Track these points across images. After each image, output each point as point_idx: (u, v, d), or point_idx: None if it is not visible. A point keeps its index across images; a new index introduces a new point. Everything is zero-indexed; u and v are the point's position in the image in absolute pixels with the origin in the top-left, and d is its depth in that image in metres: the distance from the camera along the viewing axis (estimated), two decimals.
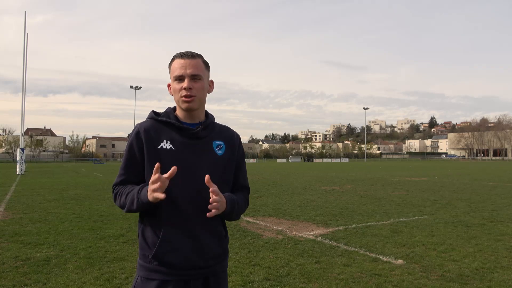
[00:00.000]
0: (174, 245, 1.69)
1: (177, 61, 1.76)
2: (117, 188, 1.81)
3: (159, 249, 1.69)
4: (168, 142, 1.75)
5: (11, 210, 9.89)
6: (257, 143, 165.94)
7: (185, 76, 1.73)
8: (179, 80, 1.75)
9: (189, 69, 1.74)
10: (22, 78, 30.01)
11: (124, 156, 1.81)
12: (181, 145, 1.76)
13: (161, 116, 1.81)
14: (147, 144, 1.74)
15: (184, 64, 1.74)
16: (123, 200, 1.74)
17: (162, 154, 1.73)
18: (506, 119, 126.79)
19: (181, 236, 1.70)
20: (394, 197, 13.06)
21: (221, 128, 1.91)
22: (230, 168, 1.86)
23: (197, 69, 1.75)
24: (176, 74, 1.75)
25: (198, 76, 1.75)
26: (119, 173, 1.82)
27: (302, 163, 77.22)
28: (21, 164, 27.63)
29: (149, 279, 1.70)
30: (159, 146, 1.74)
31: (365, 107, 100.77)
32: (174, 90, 1.77)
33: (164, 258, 1.69)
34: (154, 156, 1.72)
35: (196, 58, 1.78)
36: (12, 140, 78.23)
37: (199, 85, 1.76)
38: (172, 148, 1.74)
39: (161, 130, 1.77)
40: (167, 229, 1.69)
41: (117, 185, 1.81)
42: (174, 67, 1.77)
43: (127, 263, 5.16)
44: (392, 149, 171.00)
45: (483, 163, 71.30)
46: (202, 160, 1.77)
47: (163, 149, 1.73)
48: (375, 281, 4.49)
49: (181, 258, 1.69)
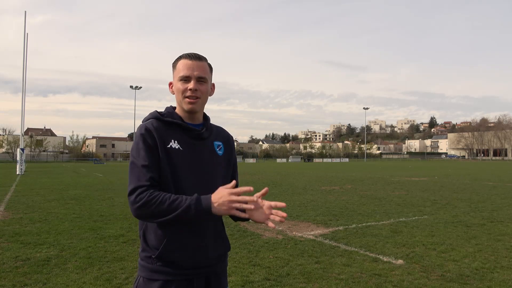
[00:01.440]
0: (179, 245, 1.69)
1: (184, 62, 1.75)
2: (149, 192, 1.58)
3: (164, 249, 1.67)
4: (176, 142, 1.74)
5: (11, 210, 9.89)
6: (257, 143, 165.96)
7: (191, 77, 1.73)
8: (184, 80, 1.74)
9: (196, 70, 1.73)
10: (22, 78, 30.06)
11: (143, 152, 1.65)
12: (187, 145, 1.75)
13: (165, 116, 1.79)
14: (160, 142, 1.71)
15: (192, 65, 1.73)
16: (165, 207, 1.55)
17: (172, 153, 1.71)
18: (506, 119, 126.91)
19: (186, 235, 1.69)
20: (394, 197, 13.05)
21: (217, 129, 1.93)
22: (229, 167, 1.89)
23: (204, 72, 1.75)
24: (182, 74, 1.73)
25: (204, 79, 1.75)
26: (142, 170, 1.62)
27: (302, 163, 77.22)
28: (21, 164, 27.63)
29: (152, 280, 1.69)
30: (168, 146, 1.72)
31: (365, 107, 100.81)
32: (178, 90, 1.76)
33: (169, 258, 1.68)
34: (165, 155, 1.70)
35: (203, 61, 1.77)
36: (12, 140, 78.29)
37: (204, 88, 1.76)
38: (180, 148, 1.73)
39: (167, 129, 1.76)
40: (173, 229, 1.68)
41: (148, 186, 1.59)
42: (180, 67, 1.75)
43: (127, 263, 5.16)
44: (392, 149, 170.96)
45: (483, 163, 71.30)
46: (207, 160, 1.78)
47: (172, 148, 1.72)
48: (375, 281, 4.49)
49: (185, 257, 1.69)
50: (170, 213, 1.55)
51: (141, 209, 1.57)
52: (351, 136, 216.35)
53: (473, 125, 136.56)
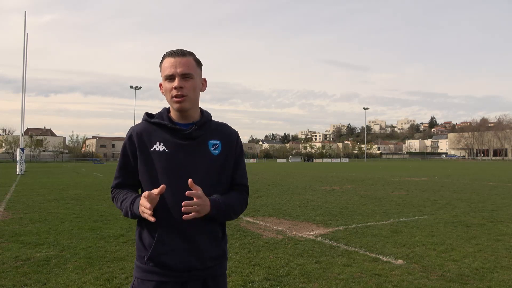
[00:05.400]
0: (169, 246, 1.68)
1: (168, 60, 1.71)
2: (114, 192, 1.87)
3: (154, 250, 1.68)
4: (161, 144, 1.72)
5: (11, 210, 9.89)
6: (257, 143, 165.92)
7: (175, 75, 1.68)
8: (169, 79, 1.70)
9: (179, 67, 1.68)
10: (22, 78, 30.03)
11: (119, 160, 1.85)
12: (174, 146, 1.73)
13: (154, 117, 1.78)
14: (140, 148, 1.74)
15: (175, 62, 1.69)
16: (118, 206, 1.81)
17: (155, 156, 1.71)
18: (506, 119, 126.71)
19: (176, 237, 1.69)
20: (394, 197, 13.05)
21: (218, 126, 1.85)
22: (227, 167, 1.81)
23: (188, 68, 1.70)
24: (166, 73, 1.70)
25: (189, 75, 1.70)
26: (114, 176, 1.87)
27: (302, 163, 77.20)
28: (21, 164, 27.62)
29: (146, 280, 1.69)
30: (152, 149, 1.72)
31: (365, 107, 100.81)
32: (165, 90, 1.73)
33: (159, 259, 1.68)
34: (147, 159, 1.72)
35: (187, 56, 1.72)
36: (12, 140, 78.32)
37: (190, 84, 1.70)
38: (165, 150, 1.72)
39: (154, 132, 1.75)
40: (162, 230, 1.68)
41: (114, 188, 1.87)
42: (165, 66, 1.71)
43: (127, 263, 5.16)
44: (392, 149, 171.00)
45: (483, 163, 71.28)
46: (196, 161, 1.73)
47: (156, 151, 1.72)
48: (375, 281, 4.49)
49: (176, 259, 1.68)
50: (122, 211, 1.77)
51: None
52: (351, 136, 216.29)
53: (473, 125, 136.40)
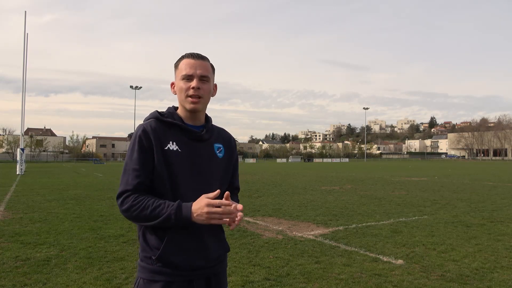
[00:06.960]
0: (179, 246, 1.69)
1: (187, 61, 1.75)
2: (134, 197, 1.63)
3: (164, 250, 1.67)
4: (174, 143, 1.73)
5: (11, 210, 9.89)
6: (257, 143, 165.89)
7: (194, 76, 1.72)
8: (187, 79, 1.73)
9: (199, 69, 1.73)
10: (22, 78, 30.03)
11: (135, 156, 1.67)
12: (186, 147, 1.74)
13: (165, 116, 1.78)
14: (155, 144, 1.70)
15: (195, 64, 1.74)
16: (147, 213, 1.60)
17: (170, 155, 1.70)
18: (506, 119, 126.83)
19: (186, 237, 1.69)
20: (394, 197, 13.05)
21: (219, 130, 1.92)
22: (228, 170, 1.88)
23: (206, 71, 1.75)
24: (185, 73, 1.73)
25: (206, 78, 1.75)
26: (132, 173, 1.65)
27: (302, 163, 77.19)
28: (21, 164, 27.63)
29: (153, 281, 1.68)
30: (166, 147, 1.71)
31: (365, 107, 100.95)
32: (180, 89, 1.75)
33: (169, 259, 1.67)
34: (162, 157, 1.69)
35: (206, 61, 1.78)
36: (12, 140, 78.28)
37: (206, 87, 1.76)
38: (178, 149, 1.72)
39: (167, 130, 1.74)
40: (172, 230, 1.67)
41: (132, 191, 1.64)
42: (183, 66, 1.75)
43: (127, 263, 5.16)
44: (392, 149, 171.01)
45: (483, 163, 71.29)
46: (206, 162, 1.77)
47: (170, 150, 1.71)
48: (375, 281, 4.49)
49: (185, 259, 1.68)
50: (152, 220, 1.61)
51: (126, 213, 1.63)
52: (351, 136, 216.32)
53: (473, 125, 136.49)
